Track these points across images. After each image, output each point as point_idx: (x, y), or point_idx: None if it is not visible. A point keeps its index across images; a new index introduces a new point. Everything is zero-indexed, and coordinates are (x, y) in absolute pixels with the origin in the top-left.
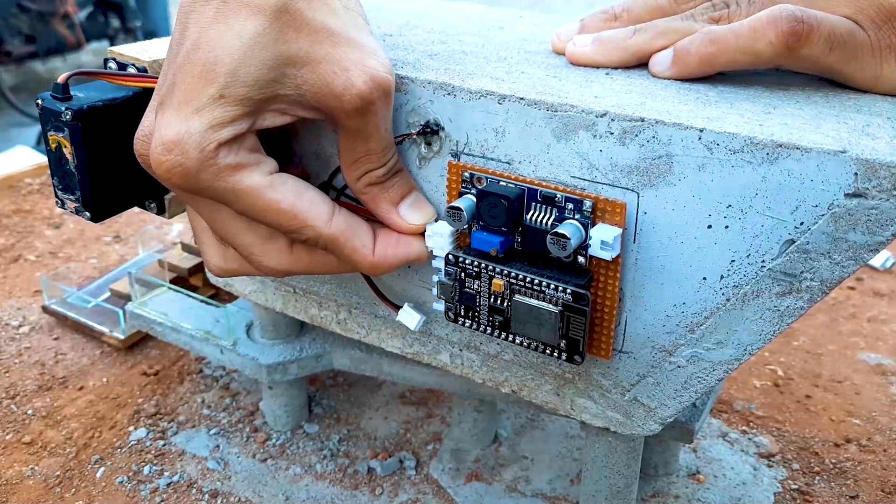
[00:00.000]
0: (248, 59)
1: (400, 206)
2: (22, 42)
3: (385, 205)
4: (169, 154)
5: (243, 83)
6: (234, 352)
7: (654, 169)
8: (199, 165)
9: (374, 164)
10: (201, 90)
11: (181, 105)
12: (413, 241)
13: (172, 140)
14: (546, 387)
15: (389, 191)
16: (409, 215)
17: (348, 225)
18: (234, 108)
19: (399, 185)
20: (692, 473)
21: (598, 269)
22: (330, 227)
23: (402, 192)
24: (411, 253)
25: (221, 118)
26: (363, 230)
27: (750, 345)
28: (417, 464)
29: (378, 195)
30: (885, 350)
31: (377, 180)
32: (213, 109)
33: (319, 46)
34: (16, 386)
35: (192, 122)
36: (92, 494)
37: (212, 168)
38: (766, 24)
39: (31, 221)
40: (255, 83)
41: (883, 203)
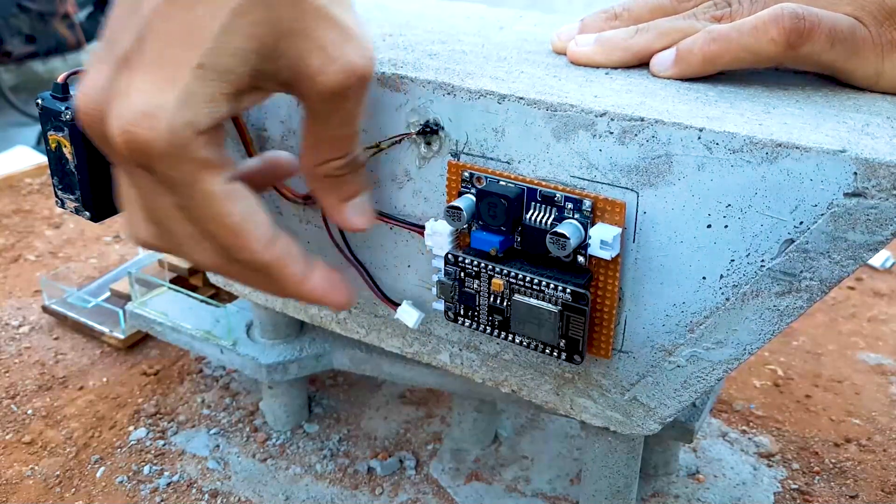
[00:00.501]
0: (233, 24)
1: (347, 205)
2: (22, 42)
3: (334, 198)
4: (137, 126)
5: (227, 52)
6: (234, 352)
7: (653, 168)
8: (168, 148)
9: (337, 153)
10: (179, 55)
11: (154, 69)
12: (346, 290)
13: (144, 111)
14: (546, 386)
15: (343, 186)
16: (352, 216)
17: (286, 252)
18: (215, 82)
19: (353, 182)
20: (692, 473)
21: (598, 268)
22: (267, 252)
23: (354, 191)
24: (340, 300)
25: (200, 94)
26: (299, 259)
27: (749, 344)
28: (417, 464)
29: (331, 187)
30: (885, 350)
31: (335, 172)
32: (194, 81)
33: (302, 20)
34: (16, 386)
35: (166, 94)
36: (92, 494)
37: (178, 156)
38: (769, 22)
39: (31, 221)
40: (238, 52)
41: (882, 202)
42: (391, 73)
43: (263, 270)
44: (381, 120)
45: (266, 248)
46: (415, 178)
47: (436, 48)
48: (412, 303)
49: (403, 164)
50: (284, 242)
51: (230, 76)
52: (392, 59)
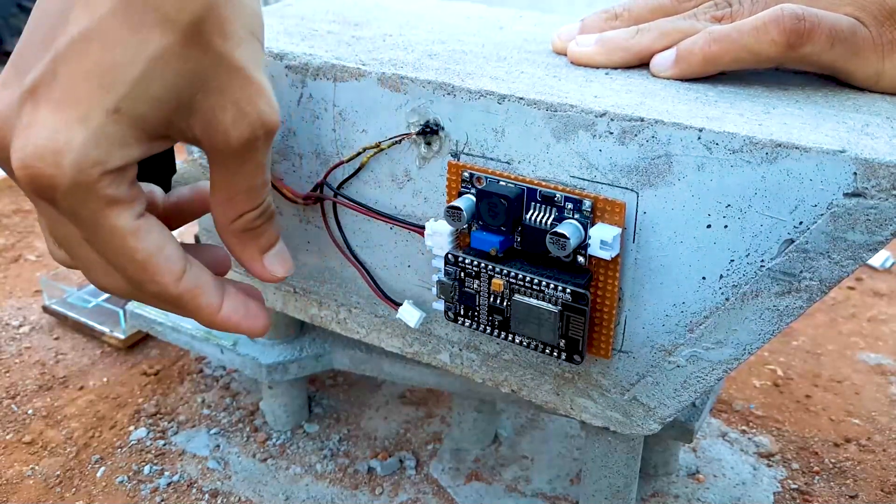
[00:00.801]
0: (152, 73)
1: (266, 256)
2: None
3: (252, 251)
4: (39, 162)
5: (143, 99)
6: (234, 351)
7: (653, 168)
8: (71, 186)
9: (250, 205)
10: (93, 96)
11: (64, 105)
12: (261, 317)
13: (48, 147)
14: (546, 386)
15: (260, 238)
16: (273, 266)
17: (196, 284)
18: (129, 128)
19: (269, 232)
20: (692, 473)
21: (598, 268)
22: (178, 286)
23: (271, 241)
24: (255, 328)
25: (112, 137)
26: (211, 289)
27: (749, 344)
28: (417, 464)
29: (248, 241)
30: (885, 350)
31: (251, 225)
32: (106, 124)
33: (217, 76)
34: (16, 386)
35: (75, 133)
36: (92, 494)
37: (84, 194)
38: (769, 23)
39: (32, 221)
40: (154, 102)
41: (882, 202)
42: (391, 73)
43: (173, 303)
44: (381, 120)
45: (175, 281)
46: (415, 178)
47: (436, 48)
48: (413, 302)
49: (403, 164)
50: (194, 274)
51: (144, 122)
52: (392, 59)
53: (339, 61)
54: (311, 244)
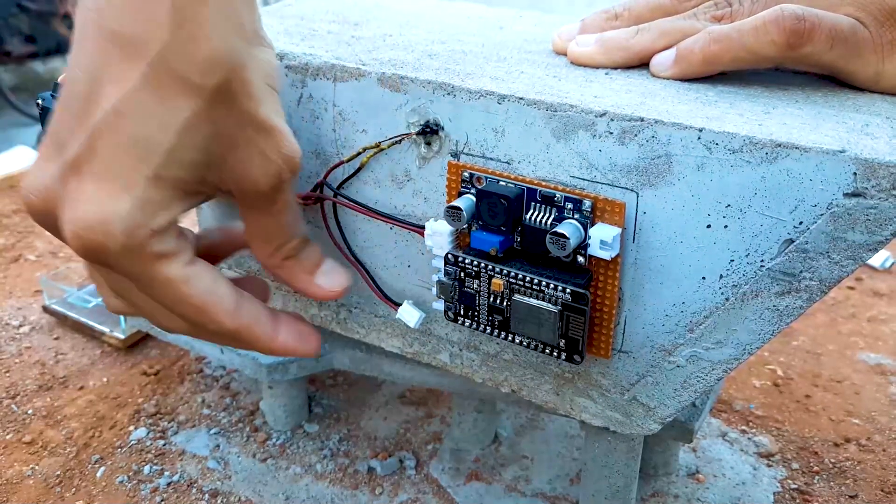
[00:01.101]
0: (185, 139)
1: (317, 276)
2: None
3: (302, 276)
4: (90, 233)
5: (179, 164)
6: (234, 351)
7: (653, 169)
8: (122, 251)
9: (287, 237)
10: (133, 167)
11: (106, 178)
12: (314, 338)
13: (97, 219)
14: (546, 386)
15: (304, 261)
16: (328, 283)
17: (251, 317)
18: (169, 191)
19: (311, 255)
20: (692, 473)
21: (598, 268)
22: (233, 321)
23: (317, 260)
24: (310, 350)
25: (155, 200)
26: (265, 319)
27: (749, 344)
28: (417, 464)
29: (294, 268)
30: (885, 350)
31: (291, 252)
32: (148, 191)
33: (243, 132)
34: (16, 386)
35: (121, 203)
36: (92, 494)
37: (135, 255)
38: (770, 23)
39: (32, 221)
40: (190, 164)
41: (882, 202)
42: (391, 73)
43: (231, 337)
44: (381, 120)
45: (231, 318)
46: (415, 178)
47: (436, 48)
48: (413, 302)
49: (403, 164)
50: (248, 308)
51: (182, 183)
52: (392, 59)
53: (339, 61)
54: None
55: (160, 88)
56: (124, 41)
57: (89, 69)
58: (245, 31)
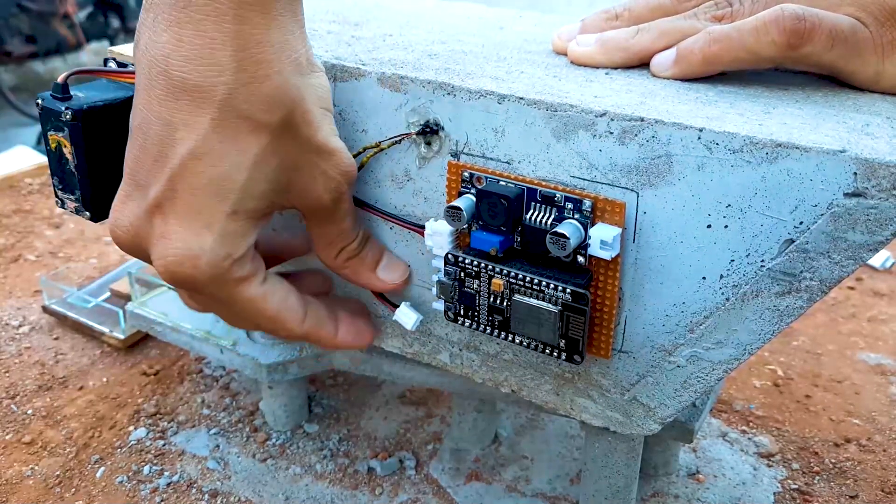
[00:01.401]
0: (256, 174)
1: (378, 271)
2: (22, 42)
3: (366, 273)
4: (179, 267)
5: (252, 197)
6: (234, 352)
7: (653, 168)
8: (209, 280)
9: (349, 239)
10: (213, 206)
11: (190, 218)
12: (368, 332)
13: (186, 255)
14: (546, 386)
15: (366, 260)
16: (389, 276)
17: (317, 321)
18: (245, 221)
19: (372, 252)
20: (692, 473)
21: (598, 268)
22: (302, 327)
23: (377, 258)
24: (365, 343)
25: (234, 233)
26: (328, 322)
27: (749, 344)
28: (417, 464)
29: (358, 267)
30: (885, 350)
31: (353, 253)
32: (227, 225)
33: (307, 156)
34: (16, 386)
35: (205, 239)
36: (92, 494)
37: (220, 281)
38: (770, 23)
39: (31, 221)
40: (262, 195)
41: (882, 202)
42: (391, 73)
43: (301, 339)
44: (381, 120)
45: (300, 325)
46: (415, 178)
47: (436, 48)
48: (410, 304)
49: (403, 164)
50: (314, 313)
51: (256, 213)
52: (392, 59)
53: (339, 61)
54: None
55: (229, 130)
56: (192, 87)
57: (162, 115)
58: (300, 63)
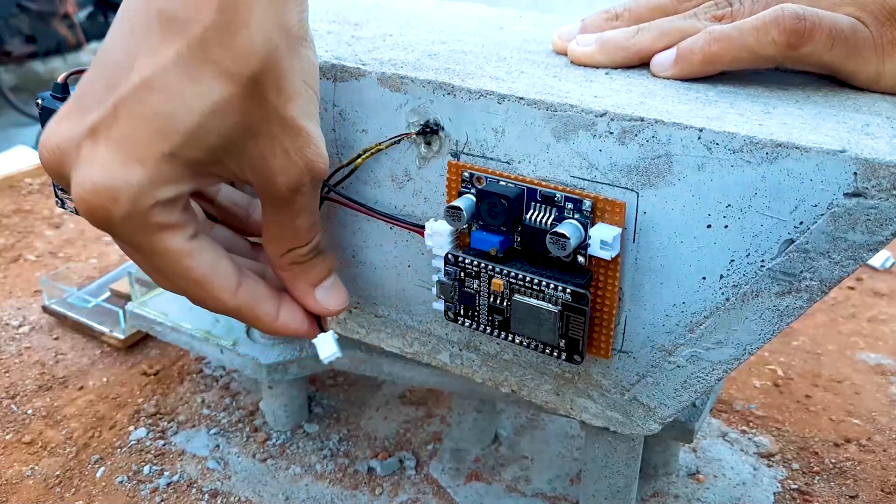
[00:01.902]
0: (209, 124)
1: (317, 289)
2: (22, 42)
3: (303, 285)
4: (97, 197)
5: (197, 147)
6: (234, 352)
7: (653, 168)
8: (126, 217)
9: (299, 242)
10: (151, 142)
11: (122, 147)
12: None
13: (105, 185)
14: (546, 386)
15: (310, 272)
16: (325, 299)
17: (252, 296)
18: (182, 169)
19: (320, 266)
20: (692, 473)
21: (598, 268)
22: (234, 299)
23: (322, 275)
24: (309, 334)
25: (166, 176)
26: (267, 298)
27: (749, 344)
28: (417, 464)
29: (299, 274)
30: (885, 350)
31: (301, 259)
32: (161, 165)
33: (269, 126)
34: (16, 386)
35: (133, 172)
36: (92, 494)
37: (138, 222)
38: (770, 23)
39: (31, 221)
40: (209, 149)
41: (882, 202)
42: (391, 73)
43: (231, 315)
44: (381, 120)
45: (232, 296)
46: (415, 178)
47: (436, 48)
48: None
49: (403, 164)
50: (250, 287)
51: (196, 164)
52: (392, 59)
53: (339, 61)
54: None
55: (194, 69)
56: (167, 18)
57: (128, 41)
58: (289, 26)
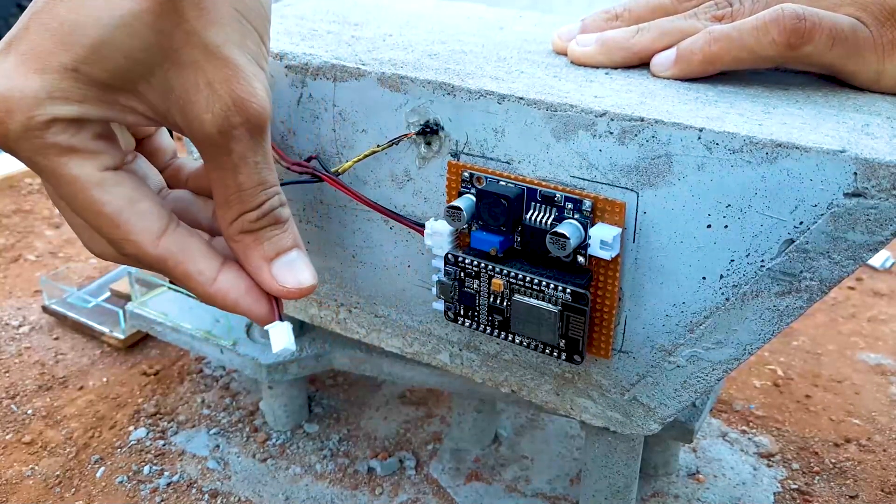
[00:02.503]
0: (116, 39)
1: (273, 263)
2: None
3: (256, 258)
4: None
5: (103, 66)
6: (234, 352)
7: (653, 168)
8: (21, 132)
9: (246, 206)
10: (53, 52)
11: (25, 57)
12: (265, 305)
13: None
14: (546, 386)
15: (264, 243)
16: (281, 275)
17: (181, 248)
18: (86, 89)
19: (277, 238)
20: (692, 473)
21: (598, 268)
22: (156, 246)
23: (279, 248)
24: (255, 311)
25: (65, 90)
26: (202, 256)
27: (749, 344)
28: (417, 464)
29: (250, 245)
30: (885, 350)
31: (249, 227)
32: (61, 79)
33: (189, 53)
34: (16, 386)
35: (29, 83)
36: (92, 494)
37: (35, 140)
38: (770, 23)
39: (31, 221)
40: (116, 70)
41: (882, 202)
42: (391, 73)
43: (157, 267)
44: (382, 120)
45: (153, 241)
46: (415, 178)
47: (436, 48)
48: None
49: (403, 164)
50: (180, 237)
51: (102, 85)
52: (392, 59)
53: (338, 61)
54: (310, 244)
55: None
56: None
57: None
58: None
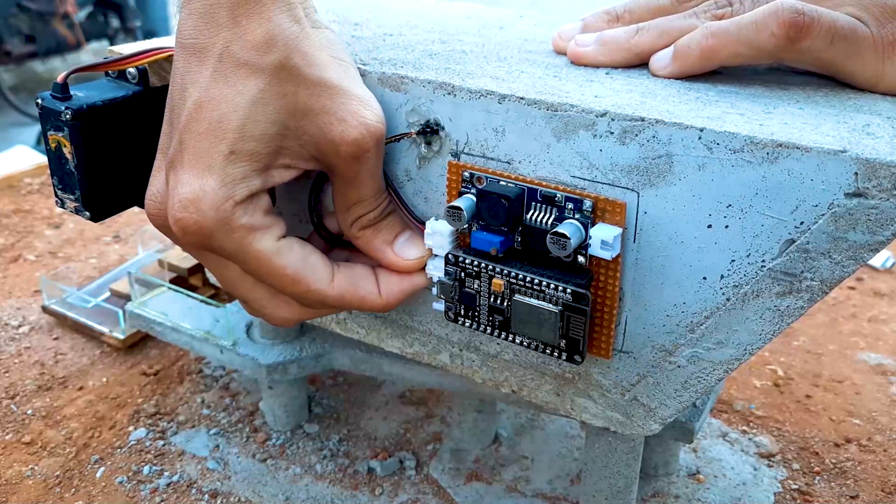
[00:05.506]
0: (254, 115)
1: (394, 244)
2: (22, 42)
3: (379, 244)
4: (185, 212)
5: (251, 138)
6: (234, 352)
7: (654, 168)
8: (215, 224)
9: (368, 209)
10: (211, 148)
11: (193, 163)
12: (414, 274)
13: (189, 198)
14: (546, 387)
15: (382, 232)
16: (404, 251)
17: (350, 281)
18: (246, 164)
19: (391, 225)
20: (692, 473)
21: (598, 268)
22: (333, 288)
23: (395, 232)
24: (417, 284)
25: (234, 175)
26: (364, 278)
27: (750, 344)
28: (417, 464)
29: (372, 237)
30: (885, 350)
31: (370, 223)
32: (226, 166)
33: (317, 99)
34: (16, 386)
35: (206, 180)
36: (92, 494)
37: (227, 227)
38: (768, 17)
39: (31, 221)
40: (262, 137)
41: (883, 203)
42: (391, 73)
43: (338, 305)
44: None
45: (329, 285)
46: (415, 178)
47: (436, 48)
48: None
49: (403, 164)
50: (344, 273)
51: (258, 156)
52: (392, 59)
53: None
54: None
55: (227, 76)
56: (198, 49)
57: (177, 82)
58: (296, 15)
